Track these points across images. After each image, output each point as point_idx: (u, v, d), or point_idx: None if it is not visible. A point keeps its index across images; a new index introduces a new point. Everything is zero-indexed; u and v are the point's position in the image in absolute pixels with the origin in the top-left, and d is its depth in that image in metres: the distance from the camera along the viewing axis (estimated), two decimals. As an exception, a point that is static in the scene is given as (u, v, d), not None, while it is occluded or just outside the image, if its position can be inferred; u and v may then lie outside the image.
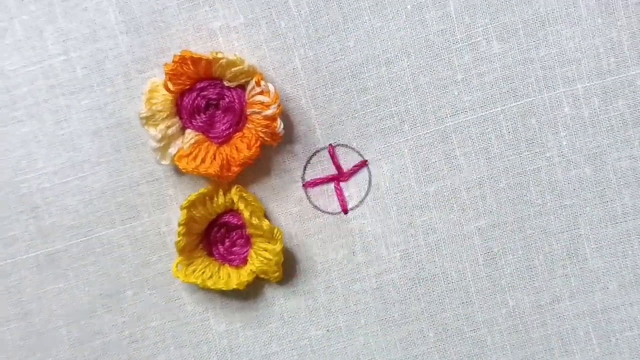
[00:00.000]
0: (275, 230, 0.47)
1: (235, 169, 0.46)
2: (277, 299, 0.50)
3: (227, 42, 0.48)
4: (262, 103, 0.46)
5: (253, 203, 0.48)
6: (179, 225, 0.47)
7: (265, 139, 0.46)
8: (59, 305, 0.50)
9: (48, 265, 0.49)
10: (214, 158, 0.47)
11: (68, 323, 0.50)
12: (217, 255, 0.50)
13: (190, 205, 0.47)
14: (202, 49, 0.47)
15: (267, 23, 0.48)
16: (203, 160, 0.46)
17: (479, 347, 0.50)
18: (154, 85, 0.47)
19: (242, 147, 0.46)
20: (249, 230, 0.48)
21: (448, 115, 0.48)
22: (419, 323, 0.50)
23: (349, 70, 0.48)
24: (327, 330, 0.50)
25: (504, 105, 0.48)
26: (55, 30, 0.48)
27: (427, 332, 0.50)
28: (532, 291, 0.49)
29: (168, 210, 0.49)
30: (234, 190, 0.47)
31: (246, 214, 0.47)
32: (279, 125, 0.46)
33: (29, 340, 0.50)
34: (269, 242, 0.48)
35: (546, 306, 0.49)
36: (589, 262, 0.49)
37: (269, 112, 0.46)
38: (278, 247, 0.47)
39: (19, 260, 0.50)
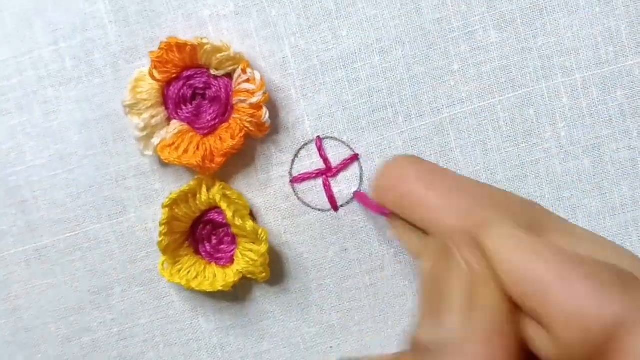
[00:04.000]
0: (260, 231, 0.46)
1: (218, 159, 0.46)
2: (267, 297, 0.50)
3: (217, 31, 0.47)
4: (247, 91, 0.45)
5: (237, 201, 0.47)
6: (160, 224, 0.47)
7: (251, 129, 0.46)
8: (48, 301, 0.50)
9: (36, 260, 0.49)
10: (197, 148, 0.46)
11: (57, 319, 0.50)
12: (203, 254, 0.49)
13: (172, 204, 0.47)
14: (192, 38, 0.47)
15: (257, 11, 0.47)
16: (186, 151, 0.46)
17: (475, 343, 0.49)
18: (141, 75, 0.47)
19: (226, 137, 0.46)
20: (233, 230, 0.47)
21: (444, 107, 0.48)
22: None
23: (341, 60, 0.47)
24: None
25: (502, 96, 0.48)
26: (45, 20, 0.47)
27: (423, 328, 0.49)
28: (530, 286, 0.49)
29: (155, 206, 0.49)
30: (216, 188, 0.47)
31: (229, 214, 0.46)
32: (265, 114, 0.46)
33: (18, 336, 0.50)
34: (253, 243, 0.47)
35: (545, 301, 0.49)
36: (587, 256, 0.49)
37: (254, 99, 0.45)
38: (263, 248, 0.46)
39: (7, 255, 0.49)
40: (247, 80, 0.45)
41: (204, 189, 0.47)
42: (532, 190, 0.48)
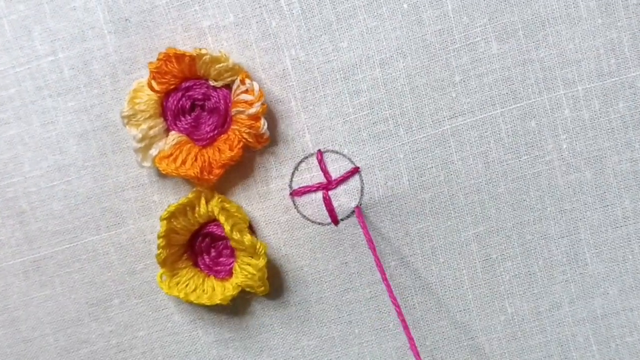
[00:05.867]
0: (258, 245, 0.46)
1: (217, 171, 0.46)
2: (267, 310, 0.49)
3: (217, 42, 0.47)
4: (246, 102, 0.45)
5: (236, 214, 0.47)
6: (158, 237, 0.46)
7: (249, 140, 0.46)
8: (46, 312, 0.50)
9: (34, 271, 0.49)
10: (195, 160, 0.46)
11: (55, 331, 0.50)
12: (202, 266, 0.49)
13: (170, 216, 0.46)
14: (191, 49, 0.47)
15: (257, 22, 0.47)
16: (184, 162, 0.46)
17: (476, 356, 0.50)
18: (139, 85, 0.47)
19: (224, 149, 0.46)
20: (232, 244, 0.47)
21: (445, 118, 0.48)
22: (415, 332, 0.49)
23: (341, 72, 0.47)
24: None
25: (503, 108, 0.48)
26: (44, 30, 0.47)
27: (424, 341, 0.49)
28: (531, 297, 0.49)
29: (153, 217, 0.49)
30: (215, 201, 0.47)
31: (227, 228, 0.46)
32: (263, 125, 0.46)
33: (16, 347, 0.50)
34: (252, 257, 0.47)
35: (545, 312, 0.49)
36: (589, 267, 0.49)
37: (252, 110, 0.45)
38: (261, 262, 0.46)
39: (5, 266, 0.49)
40: (246, 91, 0.45)
41: (202, 202, 0.47)
42: (533, 202, 0.48)
